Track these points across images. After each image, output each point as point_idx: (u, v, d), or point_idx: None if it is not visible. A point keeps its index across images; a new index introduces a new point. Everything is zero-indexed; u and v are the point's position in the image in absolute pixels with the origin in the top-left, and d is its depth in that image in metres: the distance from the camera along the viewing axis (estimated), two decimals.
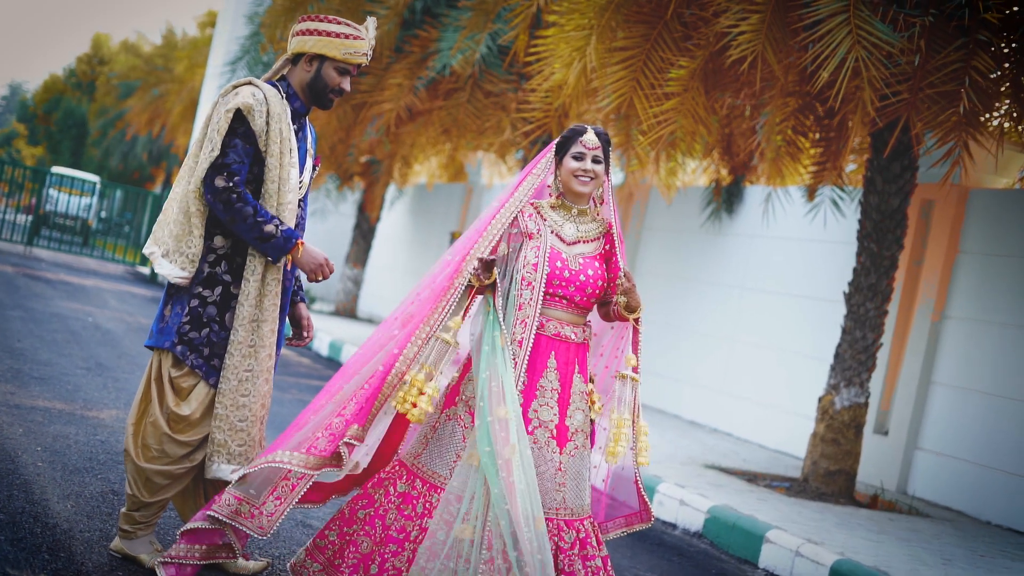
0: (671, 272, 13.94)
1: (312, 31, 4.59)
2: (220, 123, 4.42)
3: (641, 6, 8.43)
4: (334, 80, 4.67)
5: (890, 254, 9.03)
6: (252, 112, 4.44)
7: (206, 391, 4.54)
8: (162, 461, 4.51)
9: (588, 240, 4.53)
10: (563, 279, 4.42)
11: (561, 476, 4.31)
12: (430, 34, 13.55)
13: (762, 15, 7.59)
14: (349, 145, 16.98)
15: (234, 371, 4.50)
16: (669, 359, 13.46)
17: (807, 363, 11.39)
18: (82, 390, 8.11)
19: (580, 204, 4.56)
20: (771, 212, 11.88)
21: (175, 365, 4.54)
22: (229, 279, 4.55)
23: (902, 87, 7.44)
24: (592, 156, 4.48)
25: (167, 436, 4.49)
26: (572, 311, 4.46)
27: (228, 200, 4.39)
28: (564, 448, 4.34)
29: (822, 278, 11.48)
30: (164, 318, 4.57)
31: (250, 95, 4.47)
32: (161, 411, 4.52)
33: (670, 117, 8.34)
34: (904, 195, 9.00)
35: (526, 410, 4.33)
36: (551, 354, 4.41)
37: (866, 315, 9.06)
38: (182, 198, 4.50)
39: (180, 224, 4.49)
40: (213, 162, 4.40)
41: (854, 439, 9.03)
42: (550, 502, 4.29)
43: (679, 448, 10.34)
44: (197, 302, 4.52)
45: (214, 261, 4.54)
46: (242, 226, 4.42)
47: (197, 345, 4.52)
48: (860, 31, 7.16)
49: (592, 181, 4.49)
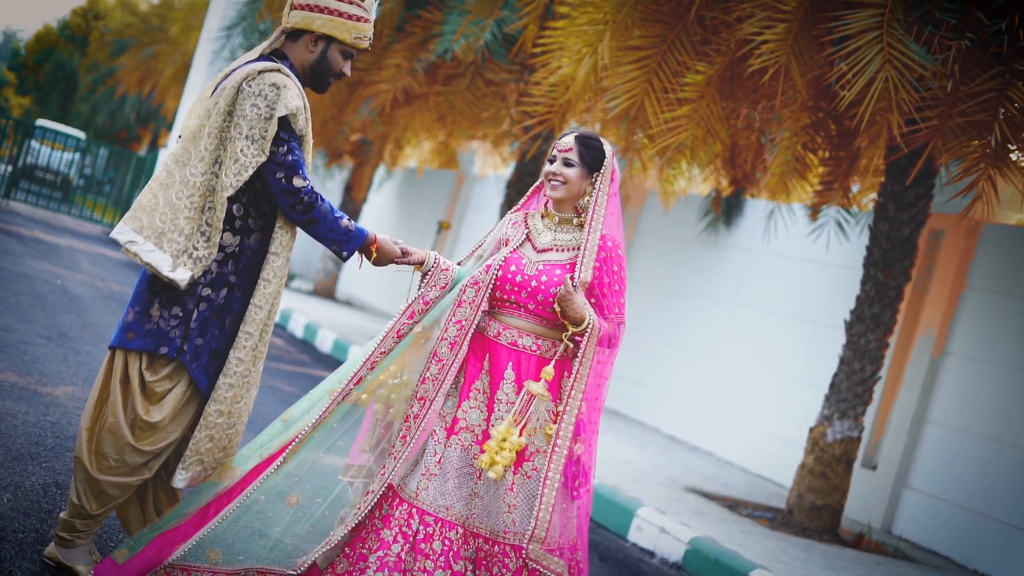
0: (661, 281, 13.53)
1: (322, 8, 4.14)
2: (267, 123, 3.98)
3: (660, 5, 8.00)
4: (338, 64, 4.26)
5: (896, 284, 8.64)
6: (298, 114, 4.05)
7: (180, 395, 4.10)
8: (119, 472, 4.07)
9: (562, 248, 4.18)
10: (513, 283, 4.11)
11: (512, 497, 3.98)
12: (434, 16, 13.10)
13: (789, 25, 7.17)
14: (341, 123, 16.51)
15: (236, 377, 4.10)
16: (652, 369, 13.06)
17: (797, 387, 11.00)
18: (39, 362, 7.65)
19: (562, 212, 4.24)
20: (773, 228, 11.47)
21: (149, 368, 4.08)
22: (235, 280, 4.12)
23: (931, 113, 7.02)
24: (563, 159, 4.19)
25: (129, 445, 4.04)
26: (532, 320, 4.12)
27: (310, 202, 4.03)
28: (520, 468, 4.01)
29: (820, 301, 11.09)
30: (152, 319, 4.07)
31: (298, 95, 4.07)
32: (124, 416, 4.06)
33: (682, 124, 7.91)
34: (916, 224, 8.61)
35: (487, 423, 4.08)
36: (508, 364, 4.10)
37: (866, 346, 8.67)
38: (195, 191, 4.01)
39: (192, 221, 4.02)
40: (280, 162, 3.99)
41: (843, 474, 8.64)
42: (498, 524, 3.99)
43: (659, 467, 9.94)
44: (205, 306, 4.09)
45: (223, 260, 4.10)
46: (322, 227, 4.08)
47: (201, 353, 4.09)
48: (892, 50, 6.75)
49: (563, 186, 4.17)
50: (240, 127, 3.98)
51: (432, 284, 4.24)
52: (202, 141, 4.03)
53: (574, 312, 3.97)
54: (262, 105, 3.97)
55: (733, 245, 12.59)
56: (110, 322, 10.45)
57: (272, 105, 3.97)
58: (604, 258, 4.09)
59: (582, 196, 4.18)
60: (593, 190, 4.16)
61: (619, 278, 4.13)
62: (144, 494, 4.29)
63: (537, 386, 3.99)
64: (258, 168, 4.00)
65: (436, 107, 13.79)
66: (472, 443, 4.05)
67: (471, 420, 4.09)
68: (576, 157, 4.18)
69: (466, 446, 4.06)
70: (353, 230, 4.14)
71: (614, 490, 8.12)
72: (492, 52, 12.15)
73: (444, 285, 4.24)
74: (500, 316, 4.16)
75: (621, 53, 8.10)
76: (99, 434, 4.06)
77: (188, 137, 4.06)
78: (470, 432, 4.07)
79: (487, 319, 4.19)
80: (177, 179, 4.02)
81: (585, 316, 3.98)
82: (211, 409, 4.07)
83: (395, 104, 13.92)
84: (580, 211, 4.20)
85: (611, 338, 4.08)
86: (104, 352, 8.78)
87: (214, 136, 4.02)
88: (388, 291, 20.90)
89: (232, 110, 4.02)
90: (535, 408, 4.02)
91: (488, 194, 18.77)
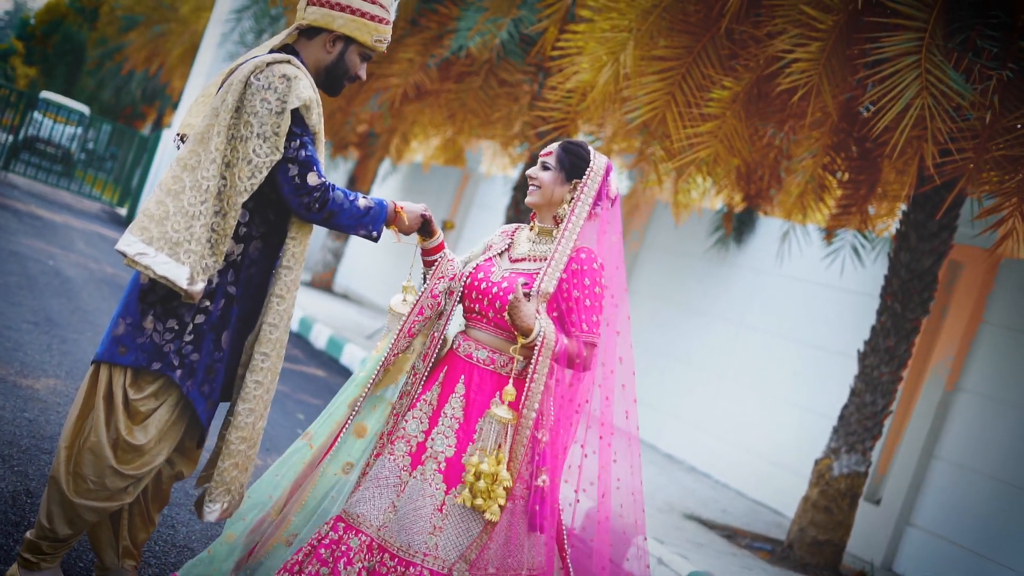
0: (666, 296, 13.24)
1: (343, 6, 3.84)
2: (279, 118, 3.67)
3: (688, 15, 7.69)
4: (355, 66, 3.97)
5: (914, 317, 8.35)
6: (310, 107, 3.75)
7: (167, 416, 3.78)
8: (97, 496, 3.74)
9: (536, 259, 3.90)
10: (478, 291, 3.87)
11: (440, 519, 3.68)
12: (450, 11, 12.77)
13: (823, 44, 6.86)
14: (348, 114, 16.18)
15: (253, 402, 3.81)
16: (651, 386, 12.76)
17: (801, 414, 10.71)
18: (22, 350, 7.34)
19: (541, 222, 3.97)
20: (786, 250, 11.17)
21: (133, 385, 3.76)
22: (234, 292, 3.82)
23: (967, 144, 6.71)
24: (541, 163, 3.96)
25: (110, 468, 3.72)
26: (492, 331, 3.85)
27: (325, 198, 3.75)
28: (453, 489, 3.72)
29: (830, 328, 10.79)
30: (145, 332, 3.75)
31: (310, 86, 3.76)
32: (106, 436, 3.74)
33: (704, 141, 7.60)
34: (938, 256, 8.32)
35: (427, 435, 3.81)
36: (460, 378, 3.83)
37: (879, 379, 8.38)
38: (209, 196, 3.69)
39: (209, 229, 3.71)
40: (293, 159, 3.70)
41: (848, 510, 8.35)
42: (415, 543, 3.65)
43: (657, 488, 9.65)
44: (203, 319, 3.78)
45: (223, 269, 3.80)
46: (342, 217, 3.79)
47: (196, 370, 3.78)
48: (930, 76, 6.43)
49: (537, 190, 3.93)
50: (251, 125, 3.68)
51: (440, 275, 3.98)
52: (212, 142, 3.71)
53: (521, 320, 3.66)
54: (272, 99, 3.67)
55: (743, 264, 12.29)
56: (101, 308, 10.14)
57: (283, 98, 3.67)
58: (575, 271, 3.79)
59: (560, 204, 3.91)
60: (572, 199, 3.88)
61: (592, 295, 3.80)
62: (119, 517, 3.99)
63: (501, 410, 3.70)
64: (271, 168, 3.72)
65: (447, 104, 13.48)
66: (405, 454, 3.78)
67: (409, 430, 3.82)
68: (554, 161, 3.93)
69: (397, 456, 3.79)
70: (373, 206, 3.86)
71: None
72: (507, 52, 11.84)
73: (453, 276, 3.99)
74: (467, 327, 3.94)
75: (644, 63, 7.79)
76: (79, 454, 3.75)
77: (196, 139, 3.74)
78: (405, 442, 3.80)
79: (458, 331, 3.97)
80: (187, 184, 3.69)
81: (533, 326, 3.68)
82: (233, 437, 3.79)
83: (405, 99, 13.61)
84: (559, 221, 3.92)
85: (573, 357, 3.75)
86: (92, 340, 8.47)
87: (223, 136, 3.71)
88: (387, 284, 20.58)
89: (241, 107, 3.72)
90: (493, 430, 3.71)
91: (494, 194, 18.46)
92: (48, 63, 51.31)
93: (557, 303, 3.79)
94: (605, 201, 3.92)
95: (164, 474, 3.99)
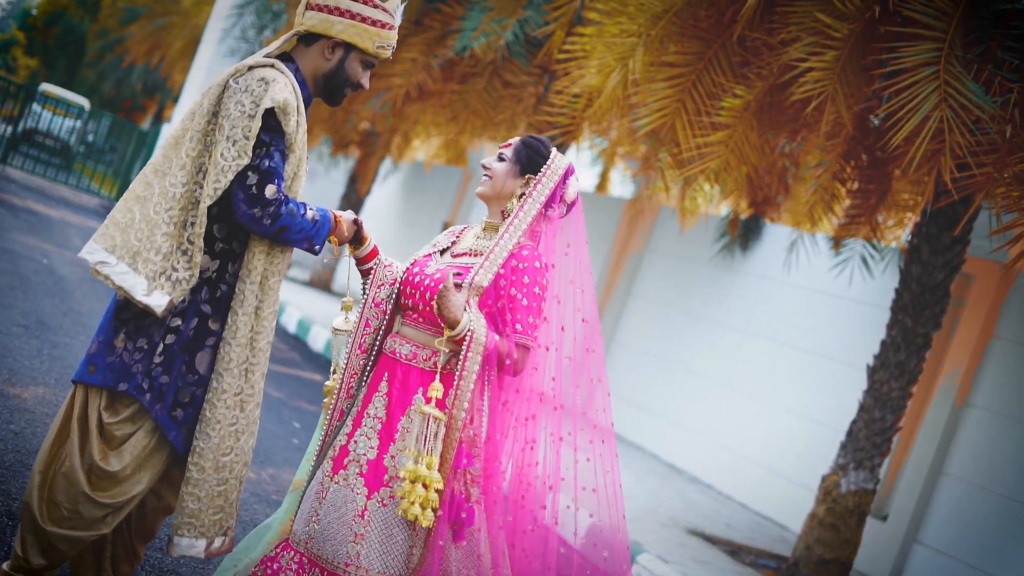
0: (670, 301, 13.05)
1: (342, 10, 3.64)
2: (250, 121, 3.46)
3: (699, 20, 7.49)
4: (357, 74, 3.75)
5: (925, 332, 8.15)
6: (287, 110, 3.52)
7: (144, 442, 3.57)
8: (72, 524, 3.54)
9: (478, 254, 3.69)
10: (412, 285, 3.68)
11: (361, 525, 3.46)
12: (454, 11, 12.58)
13: (838, 53, 6.67)
14: (350, 112, 15.99)
15: (216, 426, 3.57)
16: (653, 393, 12.58)
17: (806, 425, 10.52)
18: (11, 355, 7.14)
19: (489, 217, 3.79)
20: (794, 258, 10.97)
21: (109, 408, 3.56)
22: (208, 310, 3.60)
23: (987, 159, 6.51)
24: (498, 154, 3.80)
25: (84, 495, 3.52)
26: (423, 327, 3.64)
27: (279, 212, 3.49)
28: (375, 493, 3.50)
29: (837, 338, 10.60)
30: (116, 350, 3.56)
31: (286, 88, 3.53)
32: (81, 461, 3.54)
33: (715, 150, 7.40)
34: (950, 270, 8.12)
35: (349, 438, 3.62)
36: (384, 376, 3.63)
37: (888, 395, 8.18)
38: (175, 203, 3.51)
39: (172, 237, 3.51)
40: (256, 166, 3.47)
41: (855, 528, 8.16)
42: (339, 554, 3.44)
43: (659, 501, 9.46)
44: (174, 339, 3.57)
45: (196, 287, 3.59)
46: (291, 233, 3.55)
47: (166, 392, 3.56)
48: (949, 88, 6.25)
49: (488, 181, 3.76)
50: (223, 128, 3.48)
51: (379, 283, 3.78)
52: (183, 147, 3.53)
53: (448, 311, 3.44)
54: (247, 102, 3.47)
55: (748, 271, 12.10)
56: (96, 309, 9.95)
57: (257, 101, 3.46)
58: (515, 267, 3.58)
59: (510, 198, 3.73)
60: (523, 194, 3.70)
61: (532, 295, 3.58)
62: (102, 548, 3.79)
63: (428, 407, 3.46)
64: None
65: (450, 105, 13.30)
66: (329, 458, 3.59)
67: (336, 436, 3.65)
68: (511, 153, 3.75)
69: (324, 463, 3.61)
70: (319, 219, 3.62)
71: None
72: (512, 53, 11.65)
73: (394, 281, 3.79)
74: (400, 325, 3.73)
75: (654, 69, 7.59)
76: (53, 479, 3.55)
77: (169, 143, 3.56)
78: (331, 448, 3.62)
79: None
80: (156, 191, 3.52)
81: (461, 318, 3.47)
82: (189, 463, 3.57)
83: (407, 99, 13.42)
84: (508, 217, 3.73)
85: (503, 357, 3.54)
86: (84, 345, 8.27)
87: (196, 140, 3.53)
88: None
89: (218, 111, 3.53)
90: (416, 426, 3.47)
91: None
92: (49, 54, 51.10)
93: (493, 299, 3.59)
94: (560, 204, 3.73)
95: (149, 505, 3.79)
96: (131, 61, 36.71)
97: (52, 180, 23.90)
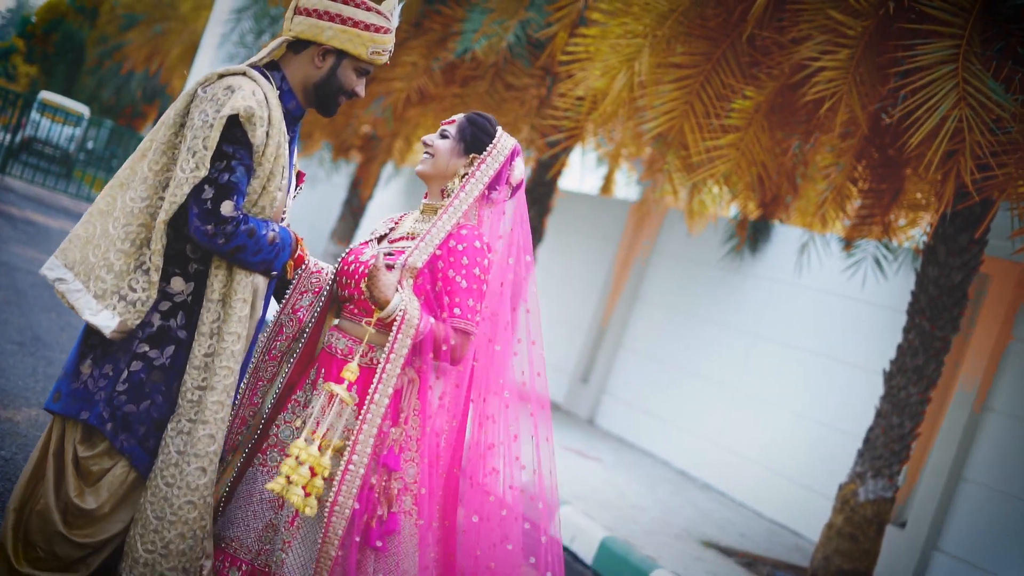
0: (677, 305, 12.83)
1: (332, 15, 3.41)
2: (210, 131, 3.22)
3: (707, 20, 7.27)
4: (351, 82, 3.52)
5: (943, 335, 7.94)
6: (253, 119, 3.26)
7: (122, 477, 3.33)
8: (48, 566, 3.30)
9: (414, 237, 3.51)
10: (347, 274, 3.50)
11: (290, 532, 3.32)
12: (454, 12, 12.36)
13: (852, 51, 6.45)
14: (350, 116, 15.80)
15: (163, 454, 3.32)
16: (662, 399, 12.37)
17: (820, 431, 10.30)
18: (4, 375, 6.95)
19: (428, 198, 3.62)
20: (806, 260, 10.74)
21: (85, 441, 3.33)
22: (185, 336, 3.36)
23: (1008, 159, 6.30)
24: (441, 130, 3.62)
25: (59, 535, 3.28)
26: (359, 319, 3.45)
27: (235, 232, 3.24)
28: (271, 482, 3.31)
29: (852, 341, 10.37)
30: (80, 376, 3.34)
31: (251, 95, 3.28)
32: (56, 499, 3.31)
33: (726, 153, 7.19)
34: (968, 271, 7.91)
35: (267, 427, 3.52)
36: (321, 372, 3.49)
37: (907, 400, 7.97)
38: (132, 219, 3.29)
39: (127, 255, 3.28)
40: (214, 180, 3.23)
41: (875, 537, 7.94)
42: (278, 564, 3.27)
43: (672, 512, 9.25)
44: (141, 365, 3.32)
45: (168, 311, 3.35)
46: (247, 254, 3.29)
47: (132, 422, 3.31)
48: (968, 86, 6.03)
49: (429, 159, 3.58)
50: (186, 138, 3.26)
51: (303, 290, 3.60)
52: (147, 159, 3.32)
53: (378, 291, 3.26)
54: (210, 111, 3.25)
55: (758, 273, 11.87)
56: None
57: (219, 109, 3.24)
58: (453, 248, 3.40)
59: (452, 178, 3.54)
60: (466, 174, 3.52)
61: (471, 276, 3.39)
62: None
63: (336, 385, 3.28)
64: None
65: (452, 109, 13.08)
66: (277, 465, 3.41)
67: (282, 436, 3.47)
68: (455, 130, 3.56)
69: (270, 467, 3.43)
70: (279, 241, 3.38)
71: (628, 546, 7.42)
72: (514, 55, 11.43)
73: (319, 289, 3.60)
74: (339, 319, 3.54)
75: (661, 71, 7.38)
76: (28, 518, 3.32)
77: (135, 156, 3.36)
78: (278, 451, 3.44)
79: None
80: (118, 205, 3.31)
81: (391, 298, 3.28)
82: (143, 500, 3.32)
83: (408, 103, 13.21)
84: (447, 197, 3.55)
85: (439, 343, 3.33)
86: None
87: (161, 152, 3.31)
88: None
89: (184, 121, 3.32)
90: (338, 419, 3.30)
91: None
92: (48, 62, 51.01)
93: (431, 283, 3.40)
94: (505, 187, 3.56)
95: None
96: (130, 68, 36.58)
97: (52, 189, 23.74)
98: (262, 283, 3.44)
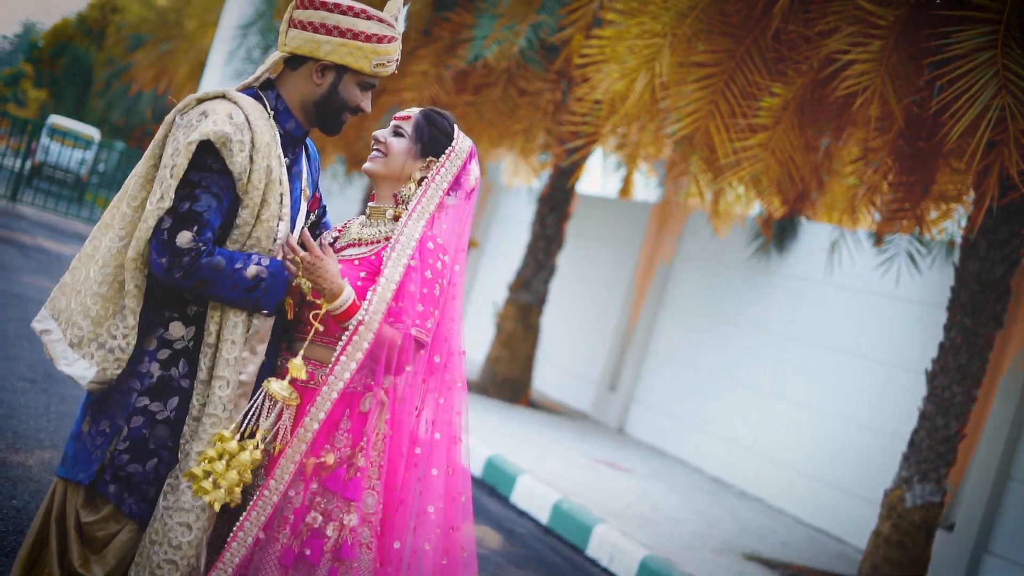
0: (705, 308, 12.54)
1: (329, 27, 3.13)
2: (178, 158, 2.96)
3: (728, 16, 6.99)
4: (354, 99, 3.23)
5: (986, 332, 7.64)
6: (229, 144, 2.99)
7: (132, 542, 3.08)
8: None
9: (366, 242, 3.26)
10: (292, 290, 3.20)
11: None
12: (463, 18, 12.10)
13: (884, 42, 6.17)
14: (362, 130, 15.55)
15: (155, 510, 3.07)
16: (693, 403, 12.08)
17: (860, 434, 9.99)
18: (16, 415, 6.69)
19: (377, 200, 3.35)
20: (836, 257, 10.43)
21: (87, 505, 3.07)
22: (188, 385, 3.09)
23: None
24: (394, 127, 3.34)
25: None
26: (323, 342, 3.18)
27: (194, 265, 2.96)
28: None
29: (889, 341, 10.06)
30: (81, 436, 3.09)
31: (225, 119, 3.01)
32: (60, 567, 3.06)
33: (755, 154, 6.90)
34: (1010, 264, 7.61)
35: None
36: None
37: (951, 400, 7.67)
38: (110, 260, 3.05)
39: (105, 299, 3.03)
40: (174, 209, 2.97)
41: (924, 544, 7.65)
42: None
43: (710, 523, 8.95)
44: (143, 420, 3.06)
45: (168, 360, 3.08)
46: (220, 289, 3.00)
47: (138, 483, 3.05)
48: (1008, 73, 5.75)
49: (381, 158, 3.30)
50: (160, 169, 3.02)
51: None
52: (126, 195, 3.08)
53: (325, 279, 3.02)
54: (181, 138, 3.00)
55: (786, 272, 11.57)
56: None
57: (190, 126, 3.00)
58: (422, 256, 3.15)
59: (406, 182, 3.27)
60: (424, 179, 3.25)
61: (423, 279, 3.13)
62: None
63: (277, 384, 3.04)
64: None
65: (464, 117, 12.81)
66: None
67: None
68: (410, 129, 3.28)
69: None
70: (267, 277, 3.06)
71: (669, 564, 7.13)
72: (527, 59, 11.17)
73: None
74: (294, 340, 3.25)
75: (683, 70, 7.11)
76: None
77: (118, 195, 3.12)
78: None
79: None
80: (101, 247, 3.08)
81: (343, 287, 3.03)
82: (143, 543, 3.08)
83: None
84: (400, 202, 3.28)
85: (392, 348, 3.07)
86: None
87: (140, 187, 3.08)
88: None
89: (162, 152, 3.08)
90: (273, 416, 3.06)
91: (518, 206, 17.75)
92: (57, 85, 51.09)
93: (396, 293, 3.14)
94: (460, 192, 3.30)
95: None
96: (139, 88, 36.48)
97: (64, 215, 23.58)
98: (262, 324, 3.12)
